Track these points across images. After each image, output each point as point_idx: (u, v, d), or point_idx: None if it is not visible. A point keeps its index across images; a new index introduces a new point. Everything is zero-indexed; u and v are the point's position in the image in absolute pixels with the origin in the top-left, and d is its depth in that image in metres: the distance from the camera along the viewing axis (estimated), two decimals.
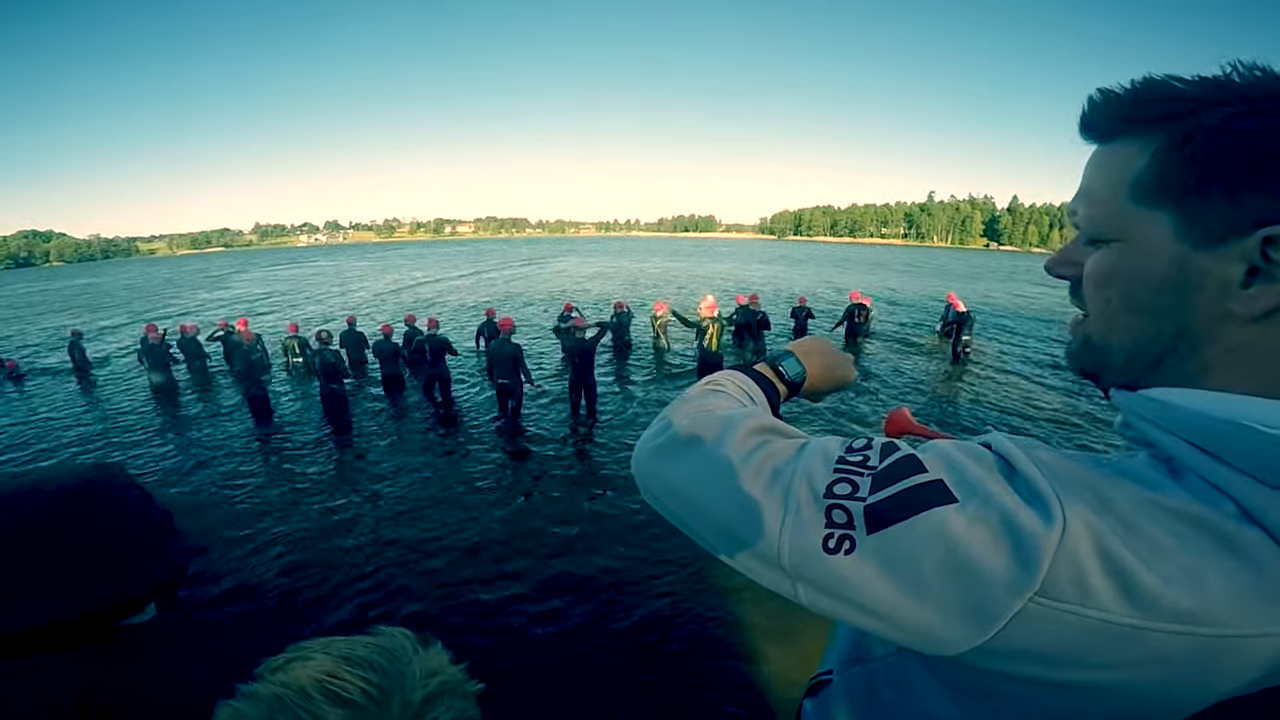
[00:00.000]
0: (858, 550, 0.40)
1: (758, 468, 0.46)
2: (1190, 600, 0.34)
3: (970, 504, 0.38)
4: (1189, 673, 0.36)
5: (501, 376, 6.61)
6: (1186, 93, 0.39)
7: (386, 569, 3.94)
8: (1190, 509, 0.36)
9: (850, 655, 0.64)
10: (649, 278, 26.66)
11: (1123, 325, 0.44)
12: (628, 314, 10.70)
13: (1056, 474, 0.38)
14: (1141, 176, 0.40)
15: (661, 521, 0.52)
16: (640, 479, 0.55)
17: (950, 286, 16.24)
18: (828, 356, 0.74)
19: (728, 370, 0.67)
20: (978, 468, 0.41)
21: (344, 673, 0.45)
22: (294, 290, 25.51)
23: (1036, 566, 0.35)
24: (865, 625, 0.42)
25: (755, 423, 0.50)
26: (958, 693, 0.48)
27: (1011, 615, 0.36)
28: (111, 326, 16.77)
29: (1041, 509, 0.36)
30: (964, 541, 0.37)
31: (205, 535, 0.84)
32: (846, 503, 0.41)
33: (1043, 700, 0.41)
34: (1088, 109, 0.43)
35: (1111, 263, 0.43)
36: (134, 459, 6.19)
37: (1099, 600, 0.34)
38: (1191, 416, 0.39)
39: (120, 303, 23.92)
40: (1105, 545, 0.35)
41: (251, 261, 60.55)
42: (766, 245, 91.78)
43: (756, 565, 0.45)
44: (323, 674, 0.45)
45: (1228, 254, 0.37)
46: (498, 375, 6.65)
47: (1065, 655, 0.36)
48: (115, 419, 7.65)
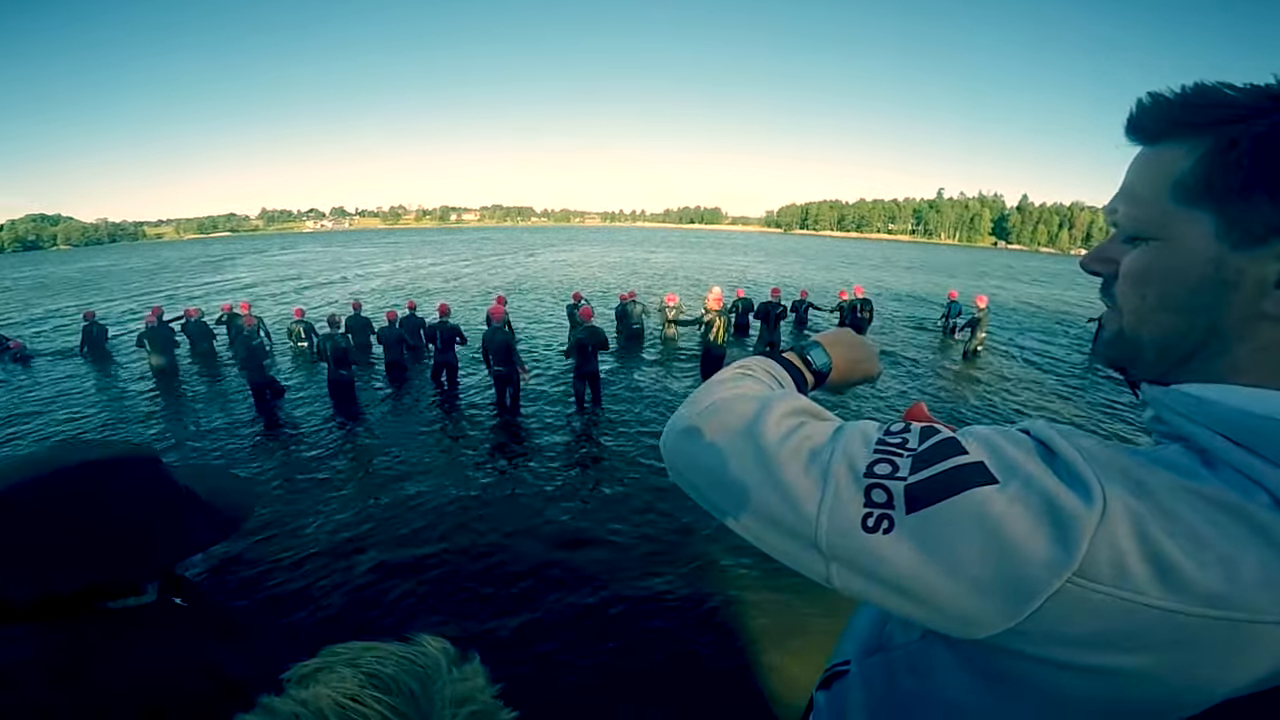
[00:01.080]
0: (896, 529, 0.40)
1: (795, 448, 0.46)
2: (1225, 585, 0.34)
3: (1011, 485, 0.39)
4: (1217, 659, 0.36)
5: (497, 364, 6.64)
6: (1236, 99, 0.39)
7: (401, 560, 3.94)
8: (1225, 497, 0.36)
9: (870, 644, 0.64)
10: (655, 268, 26.60)
11: (1156, 321, 0.44)
12: (634, 304, 10.68)
13: (1096, 458, 0.39)
14: (1185, 178, 0.41)
15: (669, 512, 0.52)
16: (669, 457, 0.55)
17: (955, 284, 16.17)
18: (854, 349, 0.74)
19: (757, 357, 0.67)
20: (1017, 450, 0.41)
21: (368, 698, 0.43)
22: (297, 276, 25.52)
23: (1076, 547, 0.35)
24: (897, 607, 0.42)
25: (791, 404, 0.51)
26: (982, 679, 0.49)
27: (1048, 596, 0.36)
28: (114, 310, 16.80)
29: (1082, 490, 0.37)
30: (1004, 521, 0.37)
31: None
32: (887, 482, 0.42)
33: (1069, 686, 0.41)
34: (1136, 111, 0.44)
35: (1149, 260, 0.44)
36: (140, 438, 6.23)
37: (1135, 583, 0.35)
38: (1227, 411, 0.40)
39: (119, 286, 23.93)
40: (1143, 529, 0.35)
41: (256, 247, 60.51)
42: (774, 239, 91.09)
43: (789, 545, 0.45)
44: (345, 698, 0.42)
45: (1265, 255, 0.38)
46: (493, 363, 6.69)
47: (1097, 638, 0.37)
48: (116, 402, 7.69)
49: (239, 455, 5.82)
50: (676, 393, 7.56)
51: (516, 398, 6.83)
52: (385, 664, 0.46)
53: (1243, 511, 0.36)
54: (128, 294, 20.70)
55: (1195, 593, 0.34)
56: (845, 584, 0.43)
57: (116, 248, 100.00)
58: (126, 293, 21.05)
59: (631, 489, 4.94)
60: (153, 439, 6.32)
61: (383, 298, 17.24)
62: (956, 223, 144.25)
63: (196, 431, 6.49)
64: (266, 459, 5.72)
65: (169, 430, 6.59)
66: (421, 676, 0.46)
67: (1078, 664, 0.39)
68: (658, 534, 4.22)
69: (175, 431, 6.54)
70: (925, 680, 0.55)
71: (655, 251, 41.31)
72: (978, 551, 0.38)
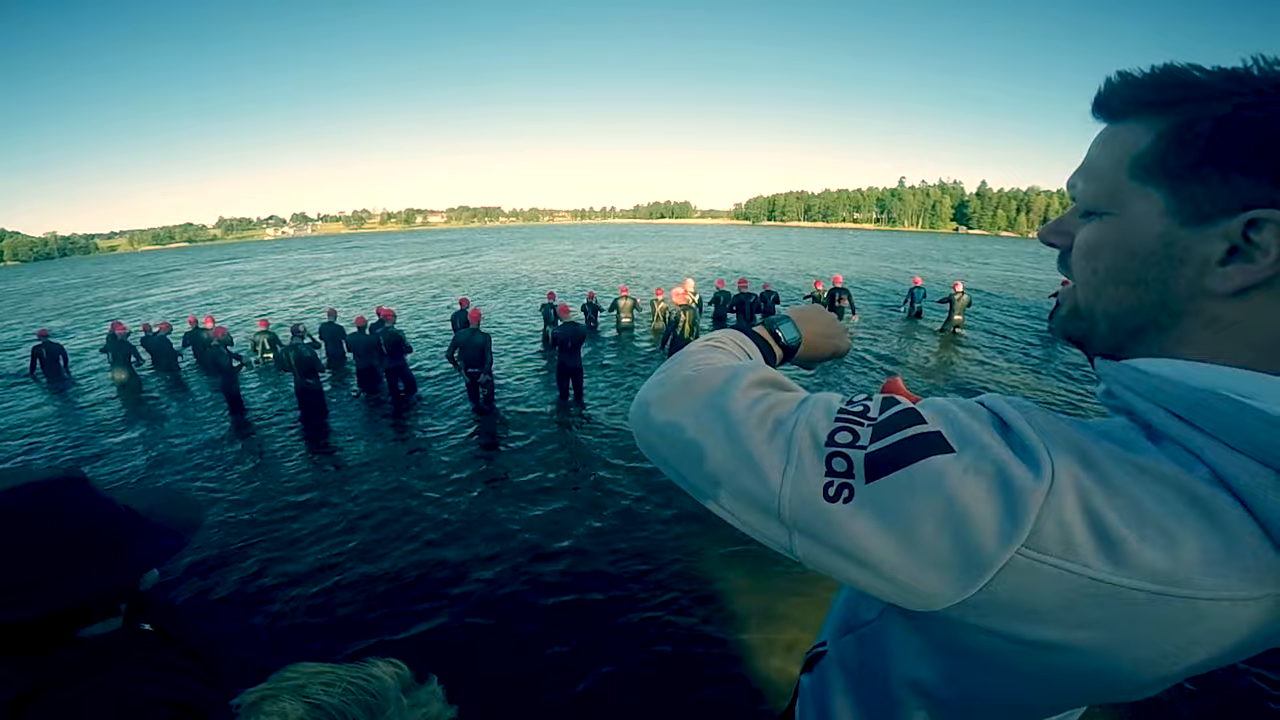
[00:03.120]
0: (856, 498, 0.41)
1: (761, 417, 0.46)
2: (1166, 560, 0.35)
3: (966, 454, 0.39)
4: (1162, 635, 0.37)
5: (472, 366, 6.71)
6: (1202, 80, 0.40)
7: (373, 572, 3.91)
8: (1166, 470, 0.37)
9: (843, 624, 0.66)
10: (629, 263, 26.63)
11: (1109, 295, 0.45)
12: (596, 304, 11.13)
13: (1046, 431, 0.40)
14: (1143, 155, 0.42)
15: (653, 500, 0.53)
16: (637, 429, 0.55)
17: (917, 270, 16.57)
18: (824, 324, 0.76)
19: (727, 329, 0.68)
20: (973, 420, 0.42)
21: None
22: (256, 285, 24.85)
23: (1025, 518, 0.36)
24: (857, 579, 0.43)
25: (758, 375, 0.51)
26: (941, 654, 0.50)
27: (1000, 567, 0.37)
28: (63, 329, 16.17)
29: (1032, 463, 0.38)
30: (959, 490, 0.38)
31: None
32: (848, 450, 0.42)
33: (1024, 661, 0.42)
34: (1104, 89, 0.45)
35: (1103, 234, 0.45)
36: (103, 459, 6.05)
37: (1081, 555, 0.36)
38: (1170, 385, 0.40)
39: (62, 304, 23.00)
40: (1089, 502, 0.36)
41: (209, 257, 58.64)
42: (745, 231, 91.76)
43: (754, 517, 0.46)
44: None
45: (1212, 233, 0.39)
46: (467, 366, 6.74)
47: (1046, 610, 0.38)
48: (83, 420, 7.45)
49: (206, 467, 5.69)
50: None
51: (490, 398, 6.85)
52: (332, 693, 0.45)
53: (1183, 485, 0.36)
54: (62, 311, 19.90)
55: (1138, 566, 0.35)
56: (807, 554, 0.44)
57: (65, 262, 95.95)
58: (64, 314, 20.20)
59: (615, 484, 4.97)
60: (127, 457, 6.14)
61: (334, 303, 16.92)
62: (919, 210, 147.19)
63: (166, 447, 6.31)
64: (237, 471, 5.60)
65: (138, 449, 6.40)
66: (370, 705, 0.45)
67: (1031, 638, 0.40)
68: (644, 527, 4.26)
69: (143, 449, 6.36)
70: (888, 657, 0.56)
71: (606, 248, 41.26)
72: (933, 520, 0.38)
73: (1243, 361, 0.39)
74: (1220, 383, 0.38)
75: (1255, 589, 0.35)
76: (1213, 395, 0.38)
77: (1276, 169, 0.36)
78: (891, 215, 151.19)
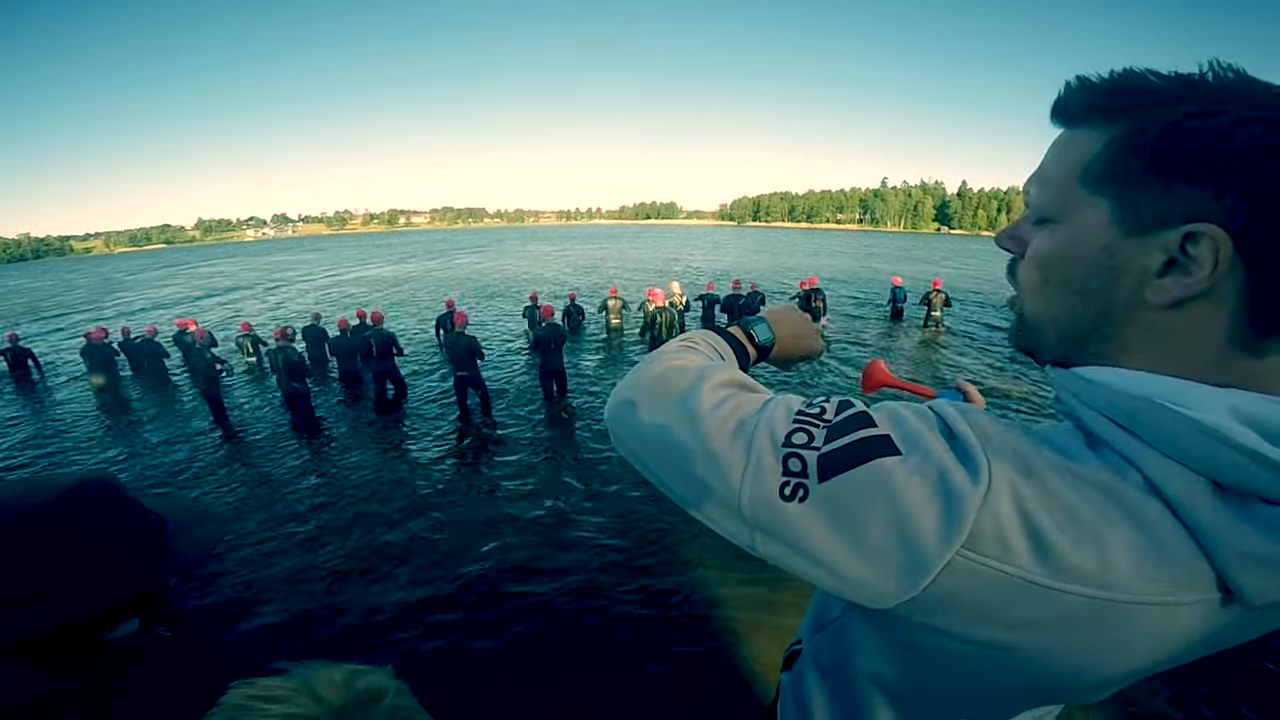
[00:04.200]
0: (810, 497, 0.42)
1: (724, 418, 0.48)
2: (1095, 564, 0.36)
3: (912, 457, 0.41)
4: (1094, 638, 0.38)
5: (461, 369, 6.77)
6: (1155, 87, 0.40)
7: (366, 573, 3.91)
8: (1101, 476, 0.38)
9: (816, 622, 0.70)
10: (617, 264, 26.68)
11: (1056, 303, 0.46)
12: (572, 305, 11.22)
13: (988, 437, 0.41)
14: (1093, 163, 0.42)
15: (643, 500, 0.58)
16: (612, 427, 0.58)
17: (898, 270, 16.86)
18: (798, 325, 0.78)
19: (702, 330, 0.70)
20: (921, 424, 0.43)
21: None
22: (233, 287, 24.53)
23: (962, 520, 0.37)
24: (814, 575, 0.44)
25: (724, 376, 0.53)
26: (895, 650, 0.52)
27: (941, 567, 0.38)
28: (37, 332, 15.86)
29: (972, 468, 0.39)
30: (903, 491, 0.39)
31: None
32: (802, 451, 0.43)
33: (971, 659, 0.44)
34: (1062, 94, 0.44)
35: (1052, 243, 0.45)
36: (89, 465, 6.00)
37: (1016, 557, 0.37)
38: (1110, 393, 0.41)
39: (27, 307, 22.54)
40: (1024, 506, 0.37)
41: (187, 259, 57.68)
42: (730, 232, 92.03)
43: (719, 514, 0.47)
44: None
45: (1152, 244, 0.39)
46: (457, 367, 6.81)
47: (985, 610, 0.39)
48: (64, 425, 7.33)
49: (196, 471, 5.66)
50: None
51: (486, 398, 6.95)
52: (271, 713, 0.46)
53: (1115, 491, 0.38)
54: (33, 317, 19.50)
55: (1070, 569, 0.36)
56: (768, 552, 0.45)
57: (38, 264, 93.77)
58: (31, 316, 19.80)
59: (600, 482, 5.01)
60: (107, 463, 6.07)
61: (314, 305, 16.78)
62: (901, 210, 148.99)
63: (151, 453, 6.26)
64: (224, 474, 5.58)
65: (122, 454, 6.33)
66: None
67: (972, 637, 0.41)
68: (632, 526, 4.29)
69: (129, 455, 6.28)
70: (852, 654, 0.59)
71: (592, 248, 41.16)
72: (880, 519, 0.40)
73: (1179, 371, 0.40)
74: (1156, 391, 0.39)
75: (1185, 594, 0.37)
76: (1148, 403, 0.39)
77: (1217, 180, 0.36)
78: (874, 216, 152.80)
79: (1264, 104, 0.37)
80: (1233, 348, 0.39)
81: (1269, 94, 0.37)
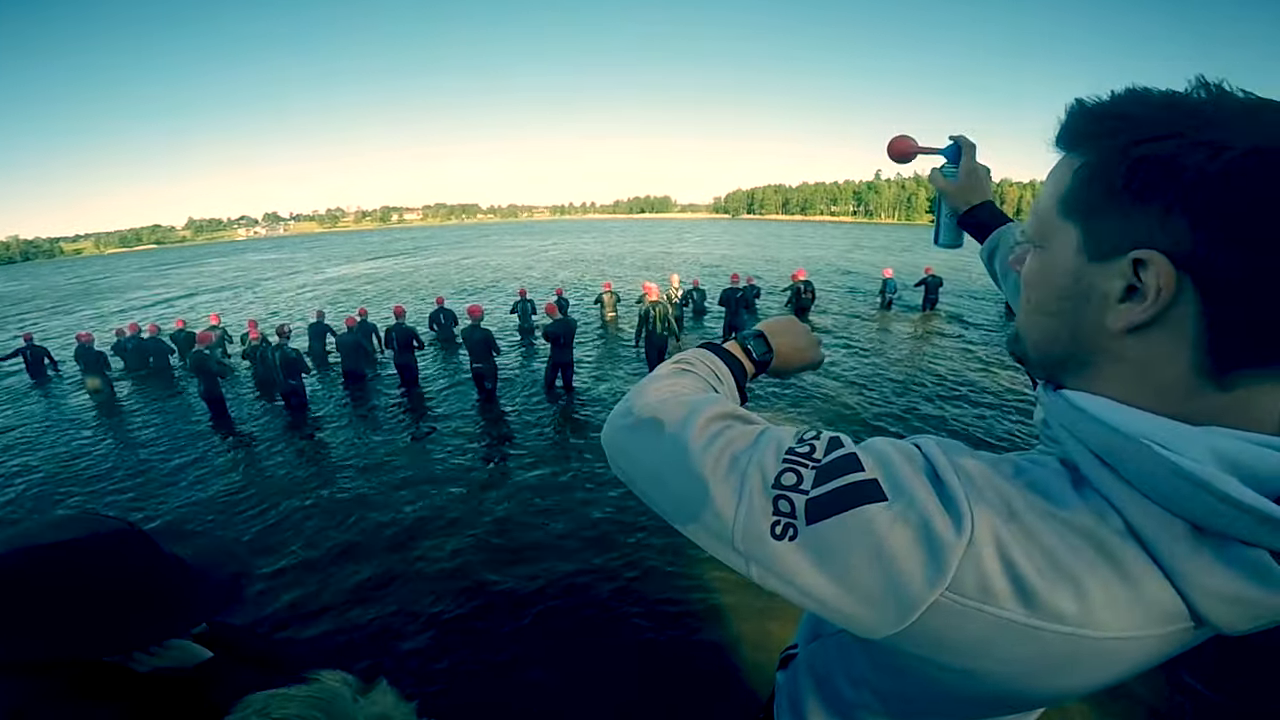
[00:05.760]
0: (799, 538, 0.43)
1: (718, 455, 0.49)
2: (1074, 605, 0.38)
3: (897, 504, 0.42)
4: (1071, 666, 0.41)
5: (476, 360, 7.01)
6: (1123, 113, 0.40)
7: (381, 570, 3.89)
8: (1083, 521, 0.39)
9: (812, 631, 0.73)
10: (613, 256, 26.74)
11: (1035, 324, 0.48)
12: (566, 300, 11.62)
13: (974, 482, 0.42)
14: (1067, 190, 0.43)
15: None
16: (610, 453, 0.59)
17: (888, 262, 17.02)
18: (796, 337, 0.78)
19: (698, 349, 0.71)
20: (909, 468, 0.44)
21: None
22: (227, 285, 24.48)
23: (945, 568, 0.39)
24: (805, 606, 0.46)
25: (717, 409, 0.54)
26: (881, 669, 0.56)
27: (925, 607, 0.40)
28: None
29: (955, 516, 0.40)
30: (888, 538, 0.41)
31: None
32: (791, 494, 0.45)
33: (952, 682, 0.46)
34: (1062, 118, 0.45)
35: (1034, 266, 0.48)
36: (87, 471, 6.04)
37: (998, 600, 0.39)
38: (1095, 425, 0.41)
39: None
40: (1006, 552, 0.39)
41: (179, 260, 57.25)
42: (725, 225, 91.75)
43: (714, 543, 0.49)
44: None
45: (1111, 270, 0.40)
46: (472, 360, 7.06)
47: (969, 646, 0.41)
48: (62, 432, 7.35)
49: (197, 473, 5.68)
50: (621, 374, 7.90)
51: (493, 390, 7.19)
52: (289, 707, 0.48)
53: (1096, 537, 0.39)
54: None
55: (1050, 611, 0.38)
56: (763, 580, 0.46)
57: (29, 266, 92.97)
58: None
59: (606, 475, 5.06)
60: (103, 466, 6.08)
61: (302, 301, 16.80)
62: (895, 202, 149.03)
63: (152, 451, 6.29)
64: (224, 474, 5.62)
65: (120, 454, 6.35)
66: (325, 708, 0.48)
67: (957, 666, 0.43)
68: (634, 514, 4.33)
69: (127, 455, 6.29)
70: (846, 666, 0.63)
71: (588, 242, 41.11)
72: (865, 563, 0.41)
73: (1151, 402, 0.40)
74: (1139, 429, 0.39)
75: (1159, 628, 0.39)
76: (1131, 441, 0.39)
77: (1165, 207, 0.36)
78: (868, 208, 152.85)
79: (1220, 126, 0.36)
80: (1198, 378, 0.39)
81: (1234, 115, 0.37)
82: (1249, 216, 0.34)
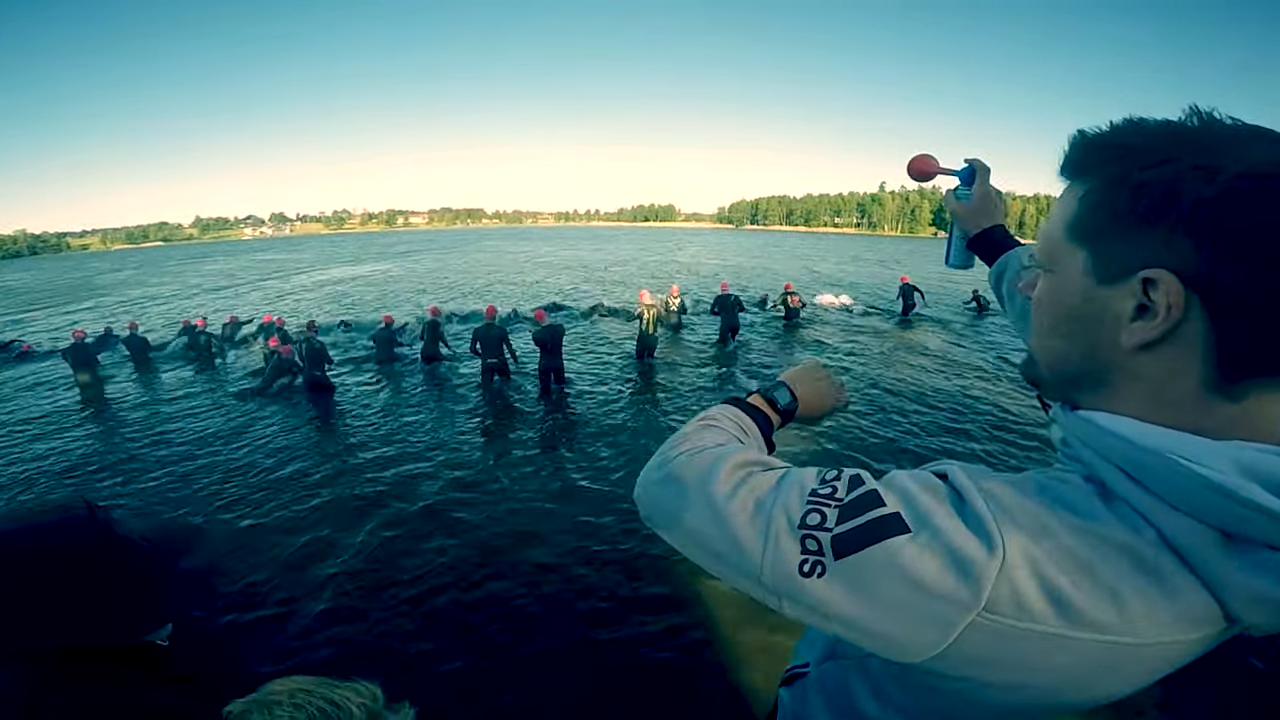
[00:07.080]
0: (828, 574, 0.45)
1: (743, 502, 0.51)
2: (1114, 616, 0.39)
3: (922, 534, 0.43)
4: (1107, 670, 0.41)
5: (490, 356, 7.62)
6: (1128, 141, 0.42)
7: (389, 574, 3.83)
8: (1118, 535, 0.40)
9: (826, 653, 0.73)
10: (615, 264, 26.95)
11: (1048, 347, 0.50)
12: None
13: (1002, 504, 0.43)
14: (1074, 216, 0.45)
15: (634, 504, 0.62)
16: (641, 507, 0.62)
17: (905, 271, 17.26)
18: (819, 384, 0.80)
19: (724, 404, 0.74)
20: (931, 499, 0.45)
21: None
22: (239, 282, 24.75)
23: (980, 589, 0.40)
24: (840, 635, 0.47)
25: (741, 457, 0.56)
26: (912, 690, 0.56)
27: (961, 629, 0.41)
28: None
29: (985, 539, 0.41)
30: (916, 567, 0.42)
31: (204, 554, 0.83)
32: (817, 533, 0.46)
33: (991, 697, 0.47)
34: (1066, 149, 0.47)
35: (1045, 289, 0.49)
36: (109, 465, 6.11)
37: (1037, 615, 0.39)
38: (1120, 443, 0.42)
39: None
40: (1041, 571, 0.40)
41: (172, 257, 57.40)
42: (729, 235, 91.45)
43: (745, 584, 0.51)
44: None
45: (1122, 291, 0.41)
46: (487, 355, 7.63)
47: (1005, 660, 0.42)
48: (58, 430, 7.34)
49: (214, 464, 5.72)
50: (630, 379, 8.22)
51: (502, 388, 7.68)
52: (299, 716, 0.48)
53: (1131, 549, 0.40)
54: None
55: (1088, 621, 0.39)
56: (795, 614, 0.48)
57: (37, 260, 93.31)
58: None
59: (596, 470, 5.22)
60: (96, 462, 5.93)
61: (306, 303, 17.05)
62: (898, 214, 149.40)
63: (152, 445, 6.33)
64: (250, 464, 5.73)
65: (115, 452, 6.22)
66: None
67: (996, 682, 0.44)
68: (632, 521, 4.29)
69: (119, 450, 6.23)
70: (871, 687, 0.63)
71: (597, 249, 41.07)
72: (895, 593, 0.42)
73: (1165, 416, 0.42)
74: (1164, 445, 0.40)
75: (1195, 632, 0.40)
76: (1158, 457, 0.40)
77: (1169, 228, 0.38)
78: (872, 220, 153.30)
79: (1213, 151, 0.38)
80: (1209, 392, 0.41)
81: (1224, 140, 0.39)
82: (1246, 234, 0.36)
